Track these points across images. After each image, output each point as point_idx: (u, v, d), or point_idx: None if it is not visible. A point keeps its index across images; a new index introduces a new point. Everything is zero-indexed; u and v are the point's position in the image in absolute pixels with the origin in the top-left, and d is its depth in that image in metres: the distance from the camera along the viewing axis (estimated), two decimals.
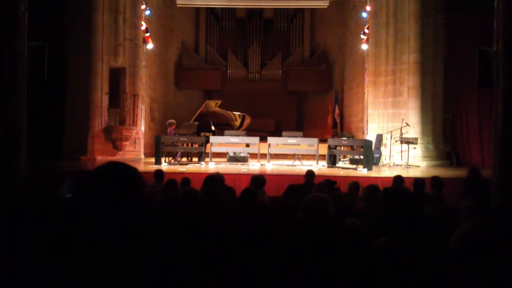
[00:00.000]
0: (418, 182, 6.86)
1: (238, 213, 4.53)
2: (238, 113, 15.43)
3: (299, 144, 13.23)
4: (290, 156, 13.83)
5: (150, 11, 14.91)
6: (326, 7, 16.34)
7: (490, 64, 7.61)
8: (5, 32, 6.40)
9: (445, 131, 13.83)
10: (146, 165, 12.22)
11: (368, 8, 14.21)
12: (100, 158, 13.39)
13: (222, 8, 20.78)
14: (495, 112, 6.61)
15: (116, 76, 14.19)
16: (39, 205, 3.64)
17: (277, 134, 14.73)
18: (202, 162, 12.84)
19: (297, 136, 13.28)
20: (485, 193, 6.44)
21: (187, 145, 13.38)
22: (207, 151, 13.08)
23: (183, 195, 4.66)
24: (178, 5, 16.26)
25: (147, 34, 14.68)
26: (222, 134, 13.63)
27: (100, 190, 1.74)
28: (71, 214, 3.21)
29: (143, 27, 14.51)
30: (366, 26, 14.32)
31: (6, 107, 6.34)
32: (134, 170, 1.83)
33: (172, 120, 13.71)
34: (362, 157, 12.01)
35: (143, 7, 14.53)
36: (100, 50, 13.72)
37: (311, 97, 21.73)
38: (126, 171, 1.80)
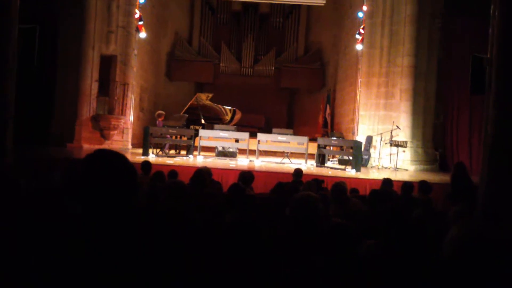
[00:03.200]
0: (407, 185, 6.85)
1: (225, 206, 4.47)
2: (229, 107, 15.36)
3: (289, 142, 13.18)
4: (279, 154, 13.80)
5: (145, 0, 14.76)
6: (322, 5, 16.28)
7: (483, 70, 7.61)
8: None
9: (435, 135, 13.85)
10: (133, 155, 12.10)
11: (364, 8, 14.15)
12: (87, 146, 13.27)
13: (218, 0, 20.64)
14: (486, 118, 6.62)
15: (107, 64, 14.03)
16: (27, 193, 3.57)
17: (267, 130, 14.67)
18: (190, 155, 12.76)
19: (287, 134, 13.22)
20: (472, 194, 6.45)
21: (176, 137, 13.30)
22: (195, 144, 13.01)
23: (169, 186, 4.60)
24: None
25: (141, 23, 14.51)
26: (211, 128, 13.56)
27: (91, 178, 1.74)
28: (62, 204, 3.16)
29: (137, 15, 14.33)
30: (362, 26, 14.28)
31: None
32: (124, 157, 1.84)
33: (161, 111, 13.60)
34: (351, 158, 12.00)
35: None
36: (91, 36, 13.57)
37: (303, 95, 21.67)
38: (116, 158, 1.81)
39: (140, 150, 12.44)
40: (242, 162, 12.35)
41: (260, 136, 13.03)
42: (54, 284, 1.62)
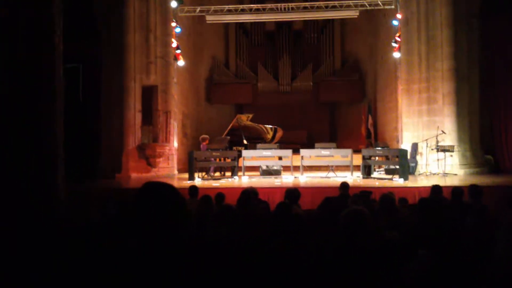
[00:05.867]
0: (456, 191, 6.66)
1: (274, 227, 4.48)
2: (270, 126, 15.42)
3: (333, 156, 13.09)
4: (324, 168, 13.71)
5: (181, 29, 15.10)
6: (356, 16, 16.24)
7: None
8: (43, 55, 6.57)
9: (483, 137, 13.48)
10: (179, 181, 12.29)
11: (398, 15, 14.05)
12: (135, 176, 13.55)
13: (251, 22, 20.85)
14: None
15: (149, 94, 14.38)
16: (81, 225, 3.72)
17: (310, 146, 14.61)
18: (235, 176, 12.85)
19: (330, 148, 13.15)
20: None
21: (220, 159, 13.42)
22: (239, 165, 13.09)
23: (220, 211, 4.65)
24: (207, 22, 16.44)
25: (178, 51, 14.86)
26: (254, 148, 13.63)
27: (146, 211, 1.84)
28: (118, 230, 3.27)
29: (174, 45, 14.69)
30: (398, 34, 14.16)
31: (44, 131, 6.48)
32: (175, 190, 1.96)
33: (205, 136, 13.78)
34: (397, 166, 11.80)
35: (173, 24, 14.72)
36: (132, 69, 13.95)
37: (343, 108, 21.52)
38: (169, 192, 1.92)
39: (186, 175, 12.61)
40: (287, 179, 12.34)
41: (303, 152, 13.00)
42: None
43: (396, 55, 14.36)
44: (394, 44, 14.38)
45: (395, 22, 14.37)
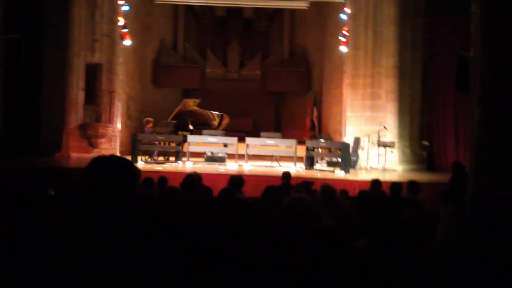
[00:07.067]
0: (395, 186, 6.89)
1: (216, 212, 4.49)
2: (217, 112, 15.37)
3: (277, 145, 13.20)
4: (268, 157, 13.81)
5: (129, 7, 14.69)
6: (306, 8, 16.35)
7: (468, 69, 7.70)
8: None
9: (422, 135, 13.93)
10: None
11: (347, 10, 14.22)
12: (75, 155, 13.20)
13: (201, 6, 20.61)
14: (472, 117, 6.68)
15: (93, 72, 13.99)
16: (20, 202, 3.58)
17: (255, 134, 14.67)
18: (179, 161, 12.75)
19: (275, 137, 13.25)
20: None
21: (164, 143, 13.26)
22: (184, 150, 12.99)
23: (164, 193, 4.62)
24: (156, 2, 16.11)
25: (125, 30, 14.43)
26: (200, 134, 13.56)
27: (100, 181, 1.83)
28: (57, 211, 3.18)
29: (121, 23, 14.28)
30: (345, 28, 14.33)
31: None
32: (130, 162, 1.97)
33: (149, 118, 13.57)
34: (339, 159, 12.05)
35: (121, 2, 14.29)
36: (76, 45, 13.54)
37: (290, 98, 21.72)
38: (123, 163, 1.92)
39: (129, 158, 12.38)
40: (232, 166, 12.36)
41: (249, 140, 13.03)
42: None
43: (343, 49, 14.52)
44: (341, 38, 14.51)
45: (343, 16, 14.50)
